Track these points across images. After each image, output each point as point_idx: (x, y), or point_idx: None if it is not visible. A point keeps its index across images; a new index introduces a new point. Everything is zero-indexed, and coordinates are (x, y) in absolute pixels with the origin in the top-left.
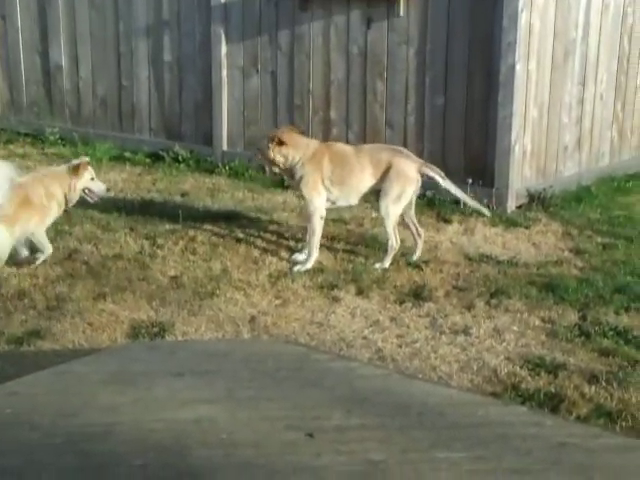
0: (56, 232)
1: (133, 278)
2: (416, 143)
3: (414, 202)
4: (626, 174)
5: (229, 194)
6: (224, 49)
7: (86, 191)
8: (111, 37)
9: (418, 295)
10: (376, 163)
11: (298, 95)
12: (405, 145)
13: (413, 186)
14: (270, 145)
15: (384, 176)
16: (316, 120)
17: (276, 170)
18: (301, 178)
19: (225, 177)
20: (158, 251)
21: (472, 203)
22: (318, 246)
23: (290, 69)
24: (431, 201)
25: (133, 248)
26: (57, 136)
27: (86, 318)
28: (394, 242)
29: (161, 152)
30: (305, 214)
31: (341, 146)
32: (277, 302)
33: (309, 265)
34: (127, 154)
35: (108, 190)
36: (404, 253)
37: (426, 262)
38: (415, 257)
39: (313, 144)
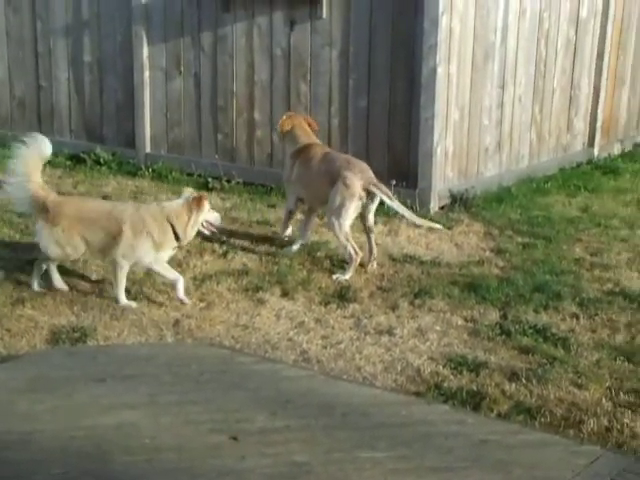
0: None
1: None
2: (340, 145)
3: (370, 216)
4: (545, 175)
5: (152, 197)
6: (146, 50)
7: (204, 224)
8: (29, 37)
9: (343, 296)
10: (331, 172)
11: (222, 96)
12: (329, 147)
13: (354, 202)
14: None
15: (333, 186)
16: (240, 121)
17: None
18: (284, 166)
19: (148, 179)
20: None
21: (421, 222)
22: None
23: (213, 70)
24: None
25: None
26: None
27: (4, 324)
28: (352, 252)
29: (82, 154)
30: None
31: (317, 149)
32: (201, 305)
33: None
34: None
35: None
36: (328, 255)
37: None
38: (368, 271)
39: (302, 140)
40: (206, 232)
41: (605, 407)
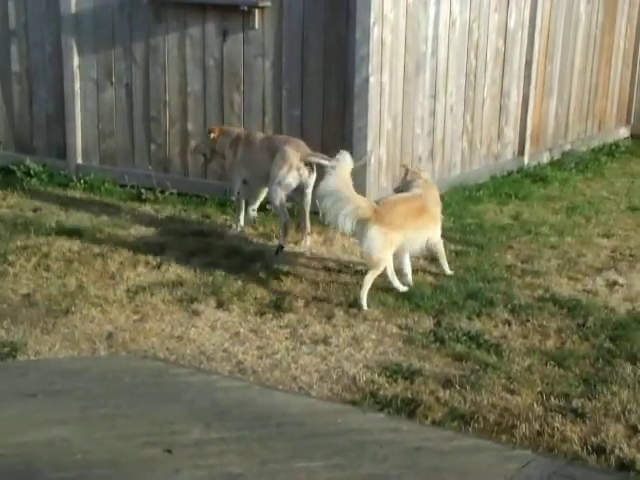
0: None
1: None
2: None
3: (308, 191)
4: (476, 183)
5: (84, 208)
6: (76, 60)
7: None
8: None
9: (279, 306)
10: (271, 148)
11: (154, 107)
12: None
13: (292, 172)
14: (210, 135)
15: (273, 161)
16: (173, 132)
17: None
18: (225, 160)
19: (80, 191)
20: (9, 268)
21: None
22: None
23: (146, 81)
24: (290, 212)
25: None
26: None
27: None
28: (284, 218)
29: (11, 166)
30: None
31: (257, 134)
32: (135, 317)
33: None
34: None
35: None
36: (264, 266)
37: (286, 273)
38: (302, 249)
39: (237, 131)
40: None
41: (536, 412)
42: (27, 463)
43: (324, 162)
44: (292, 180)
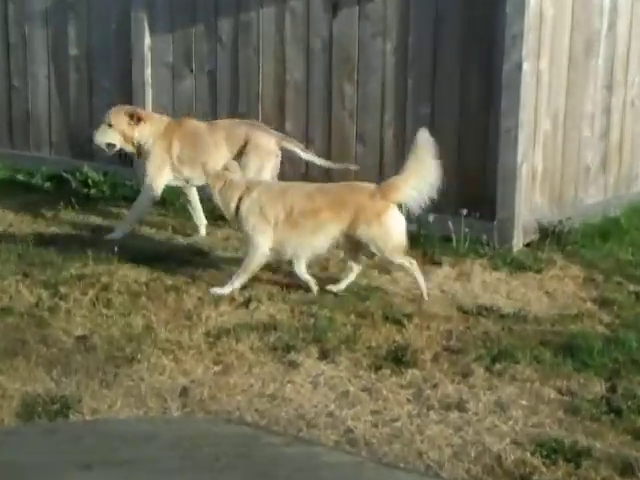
0: None
1: (27, 339)
2: (396, 163)
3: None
4: None
5: (155, 228)
6: (148, 41)
7: None
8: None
9: (399, 359)
10: (232, 139)
11: (244, 101)
12: (383, 166)
13: (272, 160)
14: (129, 122)
15: (242, 151)
16: None
17: (129, 149)
18: (148, 156)
19: (150, 206)
20: (61, 303)
21: (340, 165)
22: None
23: (233, 68)
24: (415, 237)
25: (28, 300)
26: None
27: None
28: None
29: (65, 174)
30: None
31: (193, 122)
32: (216, 369)
33: None
34: (20, 177)
35: None
36: (380, 305)
37: (409, 316)
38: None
39: (165, 120)
40: None
41: None
42: None
43: (299, 151)
44: (273, 169)
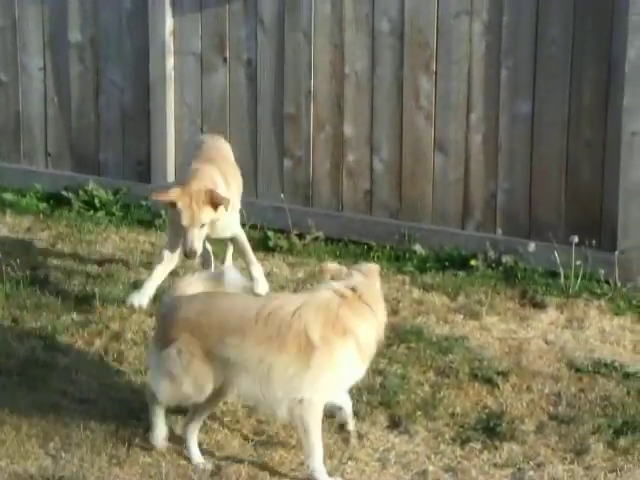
0: None
1: (18, 402)
2: (485, 177)
3: None
4: None
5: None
6: (169, 23)
7: None
8: None
9: (491, 430)
10: None
11: (291, 98)
12: (469, 182)
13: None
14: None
15: None
16: (320, 139)
17: None
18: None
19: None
20: (59, 357)
21: None
22: None
23: (278, 57)
24: (511, 272)
25: (17, 352)
26: None
27: None
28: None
29: (65, 192)
30: None
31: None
32: (258, 439)
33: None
34: (8, 196)
35: None
36: (467, 358)
37: (504, 373)
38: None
39: None
40: None
41: None
42: None
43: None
44: None
